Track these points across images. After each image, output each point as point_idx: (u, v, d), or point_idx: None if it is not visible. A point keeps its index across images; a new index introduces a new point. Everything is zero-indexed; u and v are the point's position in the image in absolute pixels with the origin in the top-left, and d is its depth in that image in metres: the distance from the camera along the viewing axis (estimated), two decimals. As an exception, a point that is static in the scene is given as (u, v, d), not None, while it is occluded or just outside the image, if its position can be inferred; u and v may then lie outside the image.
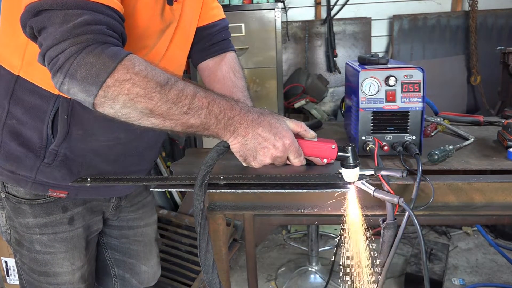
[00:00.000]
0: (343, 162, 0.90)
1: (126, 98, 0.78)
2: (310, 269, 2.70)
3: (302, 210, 1.01)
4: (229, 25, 1.36)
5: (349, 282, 0.94)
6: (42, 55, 0.79)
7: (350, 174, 0.90)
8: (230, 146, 0.91)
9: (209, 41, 1.30)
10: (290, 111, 3.51)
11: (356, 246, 0.92)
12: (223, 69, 1.29)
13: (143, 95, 0.78)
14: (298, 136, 0.95)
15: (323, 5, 3.72)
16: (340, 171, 0.95)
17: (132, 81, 0.77)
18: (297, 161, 0.94)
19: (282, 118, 0.93)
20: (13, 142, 1.03)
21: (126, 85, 0.77)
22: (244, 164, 0.94)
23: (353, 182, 0.91)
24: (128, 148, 1.13)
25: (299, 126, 0.95)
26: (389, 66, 1.13)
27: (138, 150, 1.17)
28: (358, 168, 0.90)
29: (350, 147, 0.89)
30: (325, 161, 0.93)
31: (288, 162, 0.97)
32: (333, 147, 0.92)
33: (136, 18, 0.96)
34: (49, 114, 0.99)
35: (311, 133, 0.96)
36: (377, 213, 0.99)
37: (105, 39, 0.78)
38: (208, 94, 0.85)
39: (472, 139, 1.23)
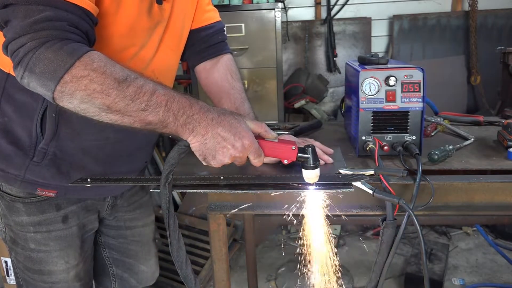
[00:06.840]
0: (304, 163, 0.90)
1: (83, 94, 0.79)
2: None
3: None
4: (229, 25, 1.36)
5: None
6: (5, 47, 0.81)
7: (310, 175, 0.90)
8: (190, 145, 0.90)
9: (205, 43, 1.30)
10: (290, 111, 3.51)
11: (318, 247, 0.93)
12: (220, 71, 1.29)
13: (100, 91, 0.79)
14: (259, 136, 0.94)
15: (323, 5, 3.71)
16: (340, 171, 0.95)
17: (90, 77, 0.78)
18: (257, 161, 0.93)
19: (242, 119, 0.93)
20: (3, 140, 1.03)
21: (84, 81, 0.78)
22: (204, 163, 0.93)
23: (313, 183, 0.92)
24: (118, 148, 1.13)
25: (260, 127, 0.95)
26: (389, 66, 1.13)
27: (128, 151, 1.17)
28: (318, 169, 0.90)
29: (310, 148, 0.89)
30: (285, 162, 0.93)
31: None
32: (293, 148, 0.91)
33: (120, 15, 0.96)
34: (38, 112, 1.00)
35: (272, 134, 0.96)
36: (377, 213, 0.99)
37: (65, 36, 0.80)
38: (167, 92, 0.85)
39: (472, 139, 1.23)
